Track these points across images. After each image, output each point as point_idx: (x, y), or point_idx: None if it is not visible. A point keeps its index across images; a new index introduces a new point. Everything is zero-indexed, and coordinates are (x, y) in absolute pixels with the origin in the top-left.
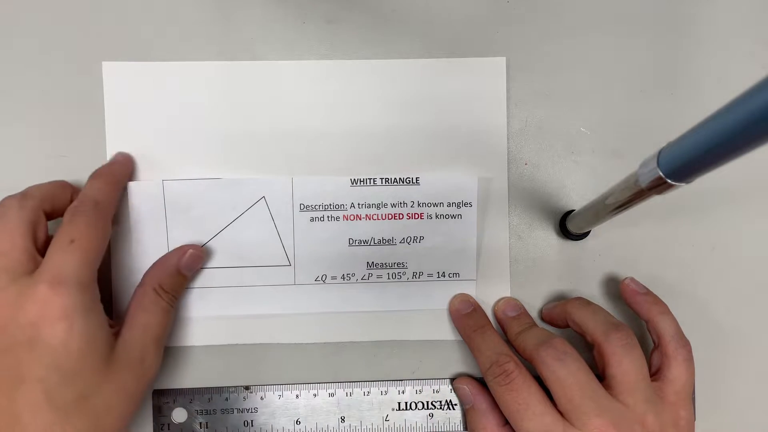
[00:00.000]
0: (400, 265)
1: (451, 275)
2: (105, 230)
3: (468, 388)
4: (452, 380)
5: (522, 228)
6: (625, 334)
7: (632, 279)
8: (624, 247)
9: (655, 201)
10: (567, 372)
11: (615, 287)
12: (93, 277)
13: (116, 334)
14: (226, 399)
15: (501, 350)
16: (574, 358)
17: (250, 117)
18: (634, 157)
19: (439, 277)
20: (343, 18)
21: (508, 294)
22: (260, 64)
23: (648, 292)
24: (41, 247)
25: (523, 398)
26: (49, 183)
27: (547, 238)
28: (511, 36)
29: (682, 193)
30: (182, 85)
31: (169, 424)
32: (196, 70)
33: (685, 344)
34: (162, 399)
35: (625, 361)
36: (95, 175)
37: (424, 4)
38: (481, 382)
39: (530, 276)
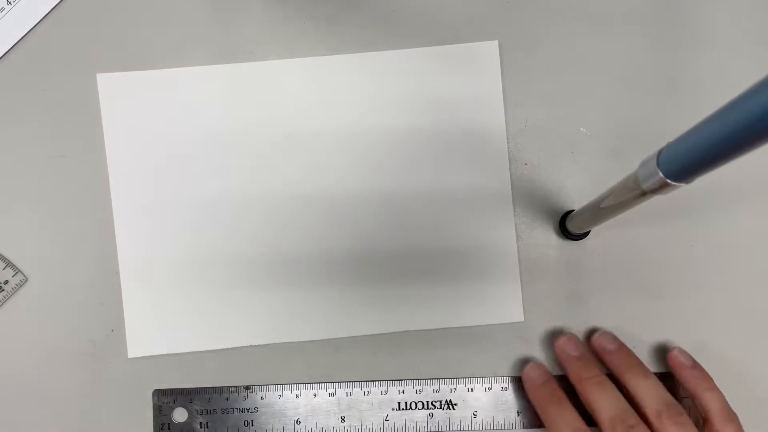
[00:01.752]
0: None
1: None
2: None
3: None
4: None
5: (522, 228)
6: (676, 413)
7: (680, 350)
8: (624, 247)
9: (655, 201)
10: None
11: (614, 287)
12: None
13: None
14: (226, 399)
15: (576, 426)
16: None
17: (250, 118)
18: (634, 157)
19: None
20: (343, 18)
21: (519, 297)
22: (260, 64)
23: (695, 365)
24: None
25: None
26: None
27: (547, 238)
28: (511, 36)
29: (682, 193)
30: (180, 91)
31: (169, 424)
32: (194, 75)
33: (732, 419)
34: (162, 399)
35: None
36: None
37: (424, 5)
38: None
39: (530, 276)
